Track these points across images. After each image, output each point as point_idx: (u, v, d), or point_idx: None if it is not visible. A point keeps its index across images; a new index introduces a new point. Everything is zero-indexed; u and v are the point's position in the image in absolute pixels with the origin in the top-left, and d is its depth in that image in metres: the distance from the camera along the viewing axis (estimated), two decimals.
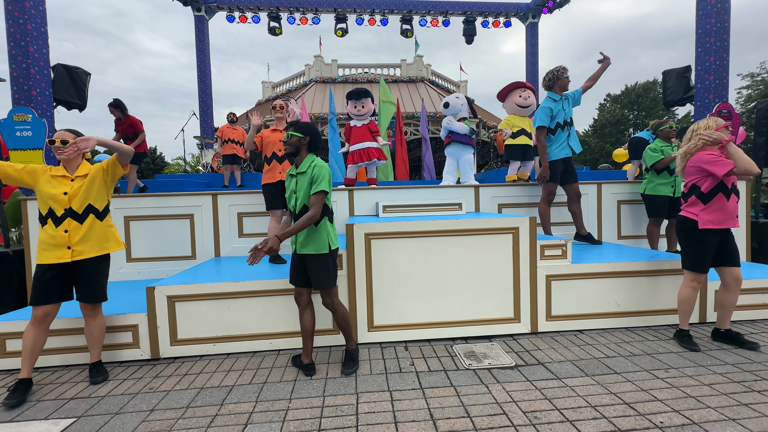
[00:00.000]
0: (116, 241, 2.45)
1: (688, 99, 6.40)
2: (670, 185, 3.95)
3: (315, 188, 2.27)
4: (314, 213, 2.25)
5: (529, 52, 11.00)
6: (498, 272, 2.89)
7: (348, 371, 2.36)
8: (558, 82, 3.79)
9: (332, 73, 15.76)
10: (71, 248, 2.27)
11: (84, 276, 2.33)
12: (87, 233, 2.31)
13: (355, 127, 4.49)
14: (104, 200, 2.42)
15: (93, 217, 2.34)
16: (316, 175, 2.29)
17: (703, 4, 5.67)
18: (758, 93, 19.66)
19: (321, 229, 2.33)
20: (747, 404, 1.90)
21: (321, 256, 2.31)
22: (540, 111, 3.81)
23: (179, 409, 2.03)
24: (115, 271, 3.84)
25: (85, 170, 2.36)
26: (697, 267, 2.60)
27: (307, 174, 2.31)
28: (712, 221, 2.52)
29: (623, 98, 31.08)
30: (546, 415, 1.86)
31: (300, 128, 2.35)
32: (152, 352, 2.67)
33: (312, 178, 2.29)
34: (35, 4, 4.89)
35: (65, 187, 2.29)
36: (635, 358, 2.47)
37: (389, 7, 10.41)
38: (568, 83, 3.83)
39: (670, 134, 4.05)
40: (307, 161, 2.37)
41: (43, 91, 4.99)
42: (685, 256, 2.67)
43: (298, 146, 2.35)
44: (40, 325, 2.25)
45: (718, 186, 2.52)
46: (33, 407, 2.09)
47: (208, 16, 10.35)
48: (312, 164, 2.34)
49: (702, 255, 2.58)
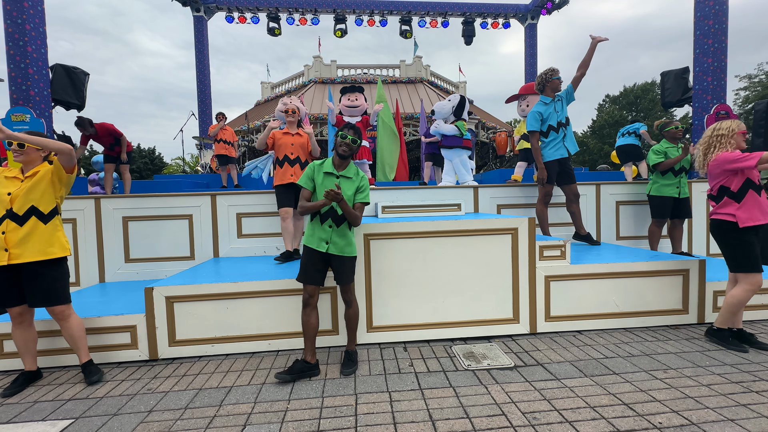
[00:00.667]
0: (61, 246, 2.30)
1: (687, 100, 6.43)
2: (675, 186, 3.95)
3: (363, 198, 2.40)
4: (360, 217, 2.40)
5: (528, 53, 11.01)
6: (497, 273, 2.89)
7: (347, 371, 2.36)
8: (549, 84, 3.82)
9: (331, 74, 15.78)
10: (8, 251, 2.15)
11: (29, 280, 2.21)
12: (26, 236, 2.17)
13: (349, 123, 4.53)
14: (51, 203, 2.28)
15: (35, 220, 2.21)
16: (364, 186, 2.42)
17: (701, 6, 5.69)
18: (756, 95, 19.74)
19: (353, 233, 2.47)
20: (745, 405, 1.90)
21: (354, 258, 2.44)
22: (530, 116, 3.86)
23: (178, 410, 2.02)
24: (113, 271, 3.85)
25: (36, 170, 2.25)
26: (752, 267, 2.51)
27: (354, 181, 2.40)
28: (752, 218, 2.47)
29: (622, 99, 31.18)
30: (545, 416, 1.85)
31: (359, 135, 2.43)
32: (150, 353, 2.66)
33: (359, 187, 2.40)
34: (34, 4, 4.88)
35: (12, 187, 2.20)
36: (634, 358, 2.47)
37: (388, 8, 10.42)
38: (560, 84, 3.84)
39: (676, 134, 4.03)
40: (352, 168, 2.45)
41: (41, 91, 4.97)
42: (734, 260, 2.58)
43: (353, 150, 2.40)
44: (20, 324, 2.26)
45: (747, 183, 2.49)
46: (30, 408, 2.09)
47: (207, 16, 10.35)
48: (358, 174, 2.44)
49: (752, 253, 2.50)
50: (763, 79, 19.92)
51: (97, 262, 3.82)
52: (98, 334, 2.61)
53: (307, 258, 2.38)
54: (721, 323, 2.65)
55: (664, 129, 4.13)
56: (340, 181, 2.36)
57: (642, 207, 4.51)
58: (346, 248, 2.37)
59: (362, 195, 2.40)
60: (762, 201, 2.50)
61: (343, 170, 2.40)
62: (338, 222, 2.35)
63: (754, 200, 2.49)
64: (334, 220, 2.35)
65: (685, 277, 3.04)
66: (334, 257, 2.36)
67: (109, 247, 3.84)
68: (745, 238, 2.51)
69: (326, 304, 2.79)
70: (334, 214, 2.34)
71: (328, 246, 2.34)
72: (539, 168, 3.85)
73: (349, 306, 2.46)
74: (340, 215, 2.34)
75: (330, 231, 2.34)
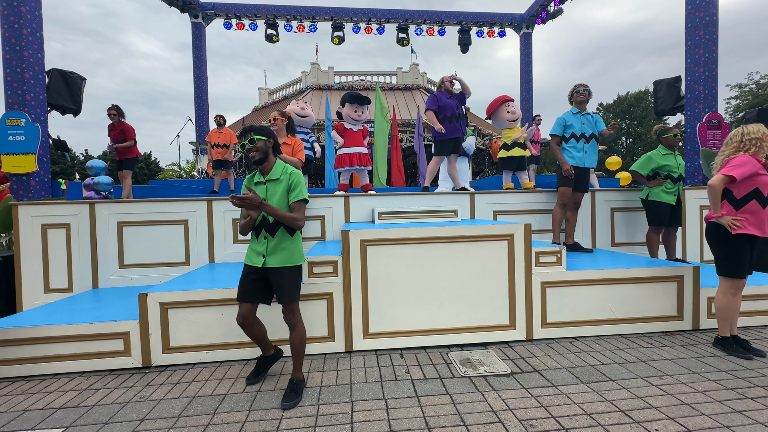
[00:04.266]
0: None
1: (679, 108, 6.52)
2: (672, 193, 3.93)
3: (296, 196, 2.17)
4: (301, 218, 2.17)
5: (523, 62, 11.15)
6: (493, 279, 2.89)
7: (287, 404, 2.06)
8: (574, 97, 4.11)
9: (329, 80, 15.87)
10: None
11: None
12: None
13: (350, 129, 4.51)
14: None
15: None
16: (295, 183, 2.18)
17: (692, 17, 5.81)
18: (746, 103, 20.09)
19: (296, 239, 2.23)
20: (741, 411, 1.91)
21: (295, 268, 2.21)
22: (555, 121, 4.16)
23: (170, 418, 1.99)
24: (106, 277, 3.81)
25: None
26: (735, 273, 2.56)
27: (282, 181, 2.19)
28: (745, 228, 2.50)
29: (615, 107, 31.59)
30: (542, 423, 1.85)
31: (262, 131, 2.18)
32: (144, 360, 2.63)
33: (290, 186, 2.18)
34: (31, 9, 4.89)
35: None
36: (630, 365, 2.48)
37: (385, 16, 10.54)
38: (581, 98, 4.07)
39: (674, 142, 3.98)
40: (278, 167, 2.23)
41: (37, 95, 4.95)
42: (721, 263, 2.62)
43: (266, 150, 2.20)
44: None
45: (753, 193, 2.49)
46: (19, 417, 2.04)
47: (205, 23, 10.40)
48: (286, 171, 2.22)
49: (739, 260, 2.54)
50: (753, 88, 20.28)
51: (91, 267, 3.79)
52: (90, 341, 2.58)
53: (245, 275, 2.21)
54: (721, 331, 2.69)
55: (662, 135, 4.08)
56: (267, 186, 2.20)
57: (637, 214, 4.55)
58: (282, 256, 2.16)
59: (295, 193, 2.17)
60: (764, 214, 2.48)
61: (268, 174, 2.22)
62: (272, 231, 2.17)
63: (754, 211, 2.49)
64: (268, 231, 2.17)
65: (680, 284, 3.06)
66: (272, 271, 2.16)
67: (103, 253, 3.80)
68: (737, 244, 2.54)
69: (322, 310, 2.77)
70: (266, 224, 2.18)
71: (264, 260, 2.16)
72: (564, 168, 4.01)
73: (292, 329, 2.20)
74: (272, 223, 2.17)
75: (266, 243, 2.17)
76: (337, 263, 2.79)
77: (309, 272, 2.77)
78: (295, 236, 2.24)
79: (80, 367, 2.58)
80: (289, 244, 2.20)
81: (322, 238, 4.11)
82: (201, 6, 10.06)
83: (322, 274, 2.78)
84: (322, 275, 2.78)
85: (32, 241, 3.69)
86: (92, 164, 7.08)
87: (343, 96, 4.60)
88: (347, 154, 4.48)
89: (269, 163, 2.23)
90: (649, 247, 4.14)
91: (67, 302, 3.27)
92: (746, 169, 2.47)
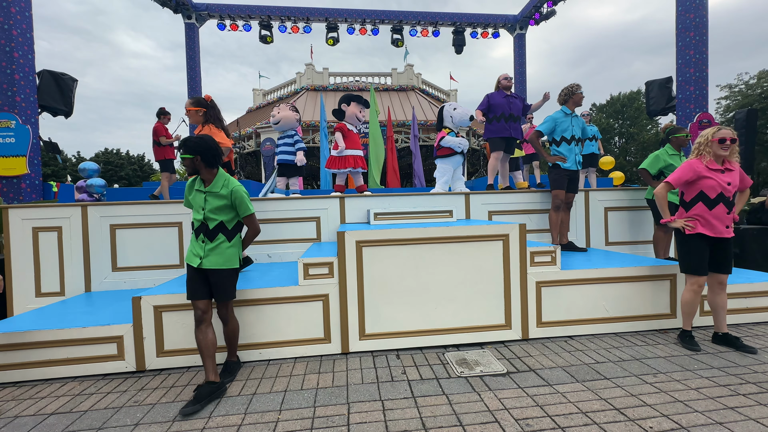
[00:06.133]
0: None
1: (670, 108, 6.61)
2: (676, 193, 3.88)
3: (244, 212, 2.33)
4: (257, 230, 2.40)
5: (517, 62, 11.22)
6: (489, 279, 2.90)
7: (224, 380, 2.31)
8: (572, 98, 3.99)
9: (323, 81, 15.85)
10: None
11: None
12: None
13: (351, 131, 4.49)
14: None
15: None
16: (239, 201, 2.30)
17: (683, 18, 5.89)
18: (736, 103, 20.37)
19: (233, 244, 2.35)
20: (733, 408, 1.93)
21: (233, 270, 2.34)
22: (546, 119, 4.05)
23: (165, 422, 1.97)
24: (99, 281, 3.77)
25: None
26: (690, 270, 2.70)
27: (224, 197, 2.28)
28: (695, 228, 2.65)
29: (608, 107, 31.88)
30: (538, 422, 1.86)
31: (188, 149, 2.23)
32: (138, 364, 2.60)
33: (233, 203, 2.30)
34: (21, 9, 4.83)
35: None
36: (624, 363, 2.50)
37: (380, 17, 10.55)
38: (581, 98, 4.00)
39: (683, 143, 3.85)
40: (219, 181, 2.30)
41: (27, 97, 4.90)
42: (681, 261, 2.78)
43: (194, 167, 2.27)
44: None
45: (699, 196, 2.64)
46: (10, 424, 2.01)
47: (198, 23, 10.34)
48: (227, 185, 2.30)
49: (691, 259, 2.69)
50: (743, 89, 20.58)
51: (83, 271, 3.74)
52: (83, 345, 2.55)
53: (188, 274, 2.31)
54: (683, 325, 2.81)
55: (672, 134, 3.93)
56: (206, 196, 2.29)
57: (630, 213, 4.60)
58: (222, 262, 2.28)
59: (241, 210, 2.32)
60: (711, 215, 2.60)
61: (209, 186, 2.30)
62: (211, 236, 2.28)
63: (701, 212, 2.64)
64: (206, 235, 2.28)
65: (672, 282, 3.09)
66: (210, 272, 2.28)
67: (95, 256, 3.76)
68: (692, 243, 2.68)
69: (317, 312, 2.76)
70: (205, 229, 2.29)
71: (201, 261, 2.26)
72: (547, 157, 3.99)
73: (225, 323, 2.40)
74: (211, 230, 2.28)
75: (203, 246, 2.28)
76: (332, 264, 2.78)
77: (304, 274, 2.76)
78: (233, 241, 2.36)
79: (73, 372, 2.55)
80: (226, 248, 2.31)
81: (317, 239, 4.10)
82: (194, 7, 10.00)
83: (318, 275, 2.77)
84: (317, 276, 2.77)
85: (23, 244, 3.64)
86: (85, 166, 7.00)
87: (346, 95, 4.52)
88: (346, 156, 4.46)
89: (209, 174, 2.31)
90: (655, 246, 4.13)
91: (59, 306, 3.23)
92: (681, 174, 2.67)
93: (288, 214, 4.08)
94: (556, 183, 3.99)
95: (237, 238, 2.38)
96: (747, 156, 6.03)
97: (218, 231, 2.30)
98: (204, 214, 2.29)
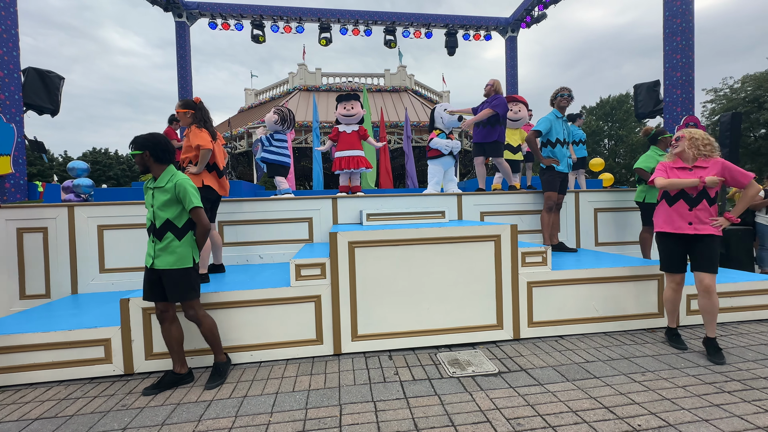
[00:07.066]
0: None
1: (658, 111, 6.73)
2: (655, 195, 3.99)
3: (189, 206, 2.28)
4: (205, 226, 2.33)
5: (508, 65, 11.31)
6: (481, 279, 2.92)
7: (211, 385, 2.32)
8: (557, 101, 4.04)
9: (316, 82, 15.78)
10: None
11: None
12: None
13: (344, 132, 4.50)
14: None
15: None
16: (182, 194, 2.27)
17: (670, 23, 6.00)
18: (721, 107, 20.81)
19: (184, 243, 2.32)
20: (718, 405, 1.97)
21: (185, 270, 2.30)
22: (543, 119, 4.09)
23: (154, 426, 1.94)
24: (86, 282, 3.69)
25: None
26: (663, 267, 2.80)
27: (168, 191, 2.27)
28: (657, 225, 2.78)
29: (598, 110, 32.32)
30: (529, 422, 1.87)
31: (137, 144, 2.26)
32: (126, 367, 2.56)
33: (177, 196, 2.28)
34: (6, 5, 4.73)
35: None
36: (613, 362, 2.53)
37: (373, 18, 10.55)
38: (565, 101, 4.03)
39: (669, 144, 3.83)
40: (165, 176, 2.31)
41: (12, 95, 4.79)
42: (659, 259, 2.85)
43: (144, 163, 2.29)
44: None
45: (663, 193, 2.76)
46: None
47: (189, 22, 10.22)
48: (172, 180, 2.29)
49: (662, 257, 2.80)
50: (728, 93, 21.03)
51: (70, 272, 3.67)
52: (69, 349, 2.49)
53: (145, 276, 2.33)
54: (667, 322, 2.89)
55: (659, 136, 4.08)
56: (153, 192, 2.30)
57: (619, 214, 4.66)
58: (173, 262, 2.27)
59: (186, 203, 2.28)
60: (672, 211, 2.67)
61: (155, 182, 2.32)
62: (159, 235, 2.27)
63: (663, 209, 2.74)
64: (155, 235, 2.29)
65: (660, 282, 3.14)
66: (162, 272, 2.27)
67: (82, 257, 3.69)
68: (660, 241, 2.79)
69: (310, 313, 2.75)
70: (153, 228, 2.30)
71: (153, 261, 2.28)
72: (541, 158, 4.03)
73: (199, 324, 2.37)
74: (158, 228, 2.27)
75: (153, 246, 2.29)
76: (324, 265, 2.77)
77: (296, 275, 2.74)
78: (184, 240, 2.33)
79: (58, 375, 2.50)
80: (177, 247, 2.29)
81: (309, 240, 4.08)
82: (185, 5, 9.88)
83: (310, 276, 2.76)
84: (309, 278, 2.76)
85: (7, 245, 3.56)
86: (74, 165, 6.84)
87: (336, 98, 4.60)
88: (339, 157, 4.49)
89: (159, 170, 2.31)
90: (642, 246, 4.24)
91: (44, 309, 3.16)
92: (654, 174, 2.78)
93: (280, 214, 4.05)
94: (549, 185, 4.03)
95: (189, 236, 2.35)
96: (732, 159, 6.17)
97: (166, 229, 2.27)
98: (152, 211, 2.29)
